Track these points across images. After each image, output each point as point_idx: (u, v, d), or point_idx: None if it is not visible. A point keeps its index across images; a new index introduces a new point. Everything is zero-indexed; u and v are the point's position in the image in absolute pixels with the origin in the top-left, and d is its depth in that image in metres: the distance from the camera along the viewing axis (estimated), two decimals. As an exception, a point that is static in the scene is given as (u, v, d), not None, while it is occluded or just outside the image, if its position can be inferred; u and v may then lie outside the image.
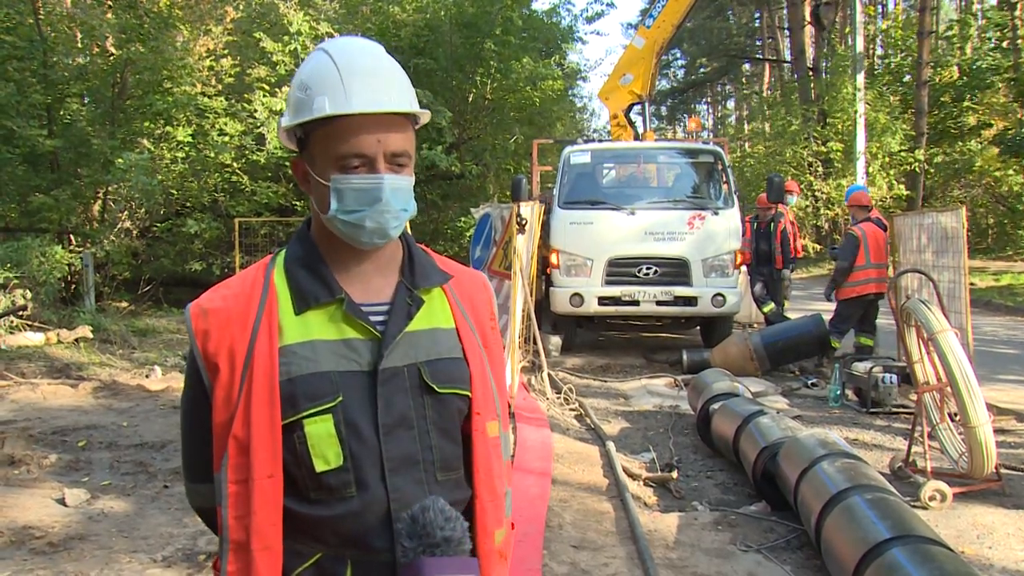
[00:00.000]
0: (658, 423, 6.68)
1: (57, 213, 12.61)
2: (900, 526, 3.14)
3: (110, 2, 13.69)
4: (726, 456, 5.46)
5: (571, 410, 6.97)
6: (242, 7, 16.11)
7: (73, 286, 12.52)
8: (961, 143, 23.23)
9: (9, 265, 10.25)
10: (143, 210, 13.84)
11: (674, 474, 5.15)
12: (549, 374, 7.86)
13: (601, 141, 11.51)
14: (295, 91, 1.29)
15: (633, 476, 5.11)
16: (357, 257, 1.31)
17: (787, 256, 9.78)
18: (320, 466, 1.22)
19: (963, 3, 30.92)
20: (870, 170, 19.76)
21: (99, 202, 13.74)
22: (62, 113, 13.74)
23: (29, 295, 10.42)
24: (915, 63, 22.17)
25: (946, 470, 4.88)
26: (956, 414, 4.69)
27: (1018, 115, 22.59)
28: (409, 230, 1.37)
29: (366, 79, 1.24)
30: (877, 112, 20.80)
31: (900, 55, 26.13)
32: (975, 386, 4.45)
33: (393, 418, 1.25)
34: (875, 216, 8.45)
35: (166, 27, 13.54)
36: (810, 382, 8.10)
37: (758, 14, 38.54)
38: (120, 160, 11.94)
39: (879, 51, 29.46)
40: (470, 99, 16.73)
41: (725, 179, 9.55)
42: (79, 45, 13.92)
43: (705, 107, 55.91)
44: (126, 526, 4.18)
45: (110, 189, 13.46)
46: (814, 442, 4.22)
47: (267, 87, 13.84)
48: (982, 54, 22.38)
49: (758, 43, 41.15)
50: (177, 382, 7.59)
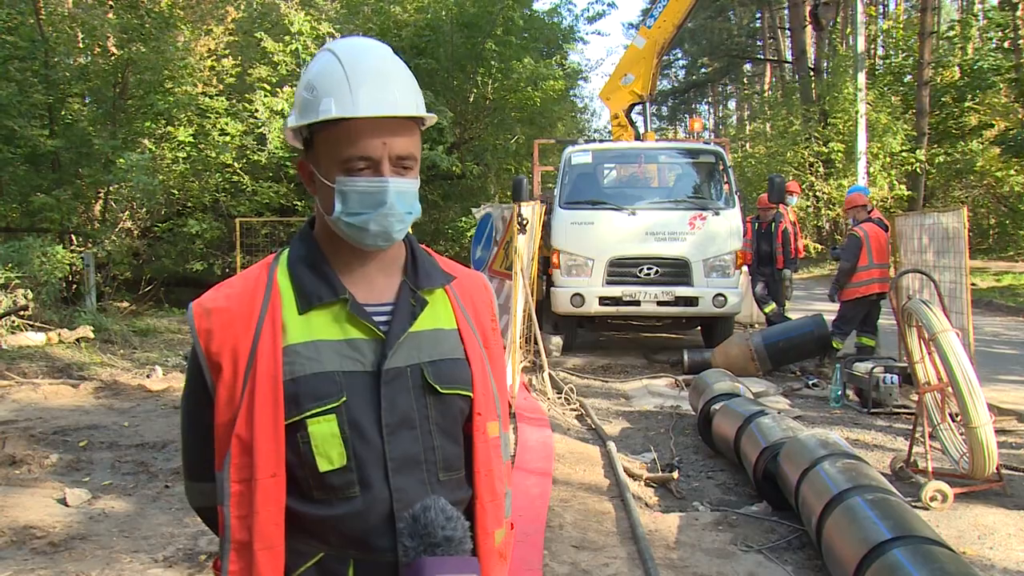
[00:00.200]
0: (659, 423, 6.68)
1: (58, 213, 12.61)
2: (901, 526, 3.14)
3: (111, 2, 13.70)
4: (727, 456, 5.46)
5: (572, 410, 6.97)
6: (243, 7, 16.14)
7: (74, 286, 12.51)
8: (962, 143, 23.23)
9: (10, 265, 10.24)
10: (144, 210, 13.87)
11: (675, 474, 5.15)
12: (550, 374, 7.86)
13: (602, 141, 11.49)
14: (302, 91, 1.28)
15: (634, 476, 5.10)
16: (361, 257, 1.31)
17: (788, 256, 9.77)
18: (324, 466, 1.22)
19: (964, 3, 30.92)
20: (871, 170, 19.76)
21: (100, 202, 13.75)
22: (63, 113, 13.74)
23: (30, 295, 10.41)
24: (916, 63, 22.18)
25: (947, 470, 4.88)
26: (957, 414, 4.68)
27: (1019, 115, 22.59)
28: (411, 230, 1.37)
29: (373, 81, 1.23)
30: (878, 112, 20.82)
31: (901, 55, 26.15)
32: (976, 386, 4.44)
33: (396, 418, 1.25)
34: (876, 216, 8.45)
35: (167, 27, 13.54)
36: (811, 382, 8.10)
37: (759, 14, 38.57)
38: (121, 160, 11.97)
39: (880, 51, 29.44)
40: (471, 99, 16.72)
41: (726, 179, 9.54)
42: (80, 45, 13.92)
43: (706, 107, 55.96)
44: (127, 526, 4.18)
45: (111, 189, 13.47)
46: (815, 442, 4.22)
47: (268, 87, 13.86)
48: (983, 54, 22.36)
49: (759, 43, 41.15)
50: (178, 382, 7.59)
